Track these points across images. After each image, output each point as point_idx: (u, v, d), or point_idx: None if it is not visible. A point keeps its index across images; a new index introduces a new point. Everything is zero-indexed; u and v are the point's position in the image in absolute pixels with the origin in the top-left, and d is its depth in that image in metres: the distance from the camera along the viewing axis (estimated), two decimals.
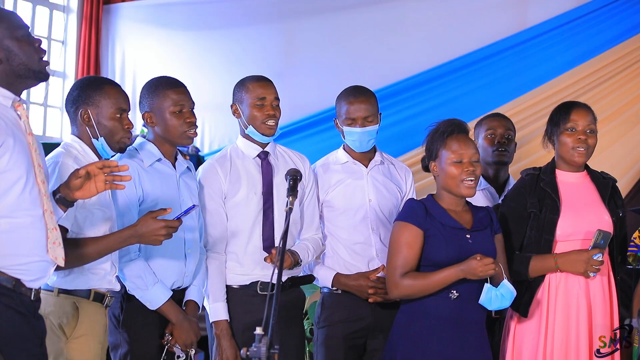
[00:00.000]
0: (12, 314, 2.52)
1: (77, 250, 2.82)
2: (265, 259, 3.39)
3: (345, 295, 3.64)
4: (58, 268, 2.66)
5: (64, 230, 2.82)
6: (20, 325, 2.54)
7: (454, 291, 3.15)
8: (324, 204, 3.71)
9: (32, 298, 2.59)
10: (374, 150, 3.77)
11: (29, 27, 2.64)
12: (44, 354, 2.66)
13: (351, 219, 3.68)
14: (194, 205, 3.08)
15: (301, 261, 3.48)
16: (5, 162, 2.49)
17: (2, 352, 2.45)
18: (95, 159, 3.04)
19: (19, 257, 2.53)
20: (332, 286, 3.66)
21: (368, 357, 3.65)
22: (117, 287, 3.13)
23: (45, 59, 2.65)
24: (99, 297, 3.04)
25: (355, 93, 3.68)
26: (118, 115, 3.05)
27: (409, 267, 3.18)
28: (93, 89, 3.06)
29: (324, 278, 3.67)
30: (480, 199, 3.93)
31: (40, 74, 2.63)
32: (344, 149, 3.78)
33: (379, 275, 3.60)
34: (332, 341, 3.62)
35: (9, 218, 2.50)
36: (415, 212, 3.22)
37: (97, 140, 3.04)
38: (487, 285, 3.11)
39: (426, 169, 3.40)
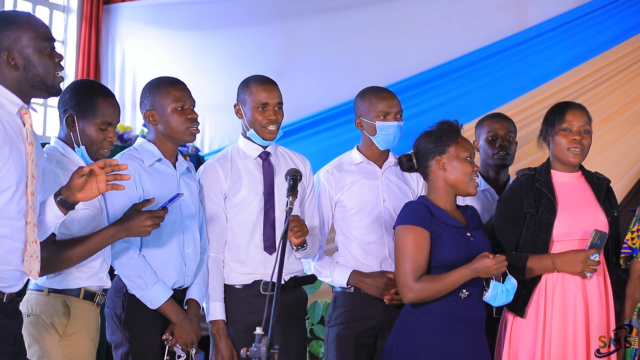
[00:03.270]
0: None
1: (67, 251, 2.81)
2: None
3: (356, 294, 3.64)
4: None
5: (51, 235, 2.81)
6: None
7: (464, 290, 3.16)
8: (337, 203, 3.71)
9: (4, 300, 2.53)
10: (387, 151, 3.78)
11: (54, 40, 2.60)
12: (18, 353, 2.60)
13: (365, 218, 3.68)
14: (178, 194, 3.07)
15: (307, 244, 3.45)
16: None
17: None
18: (80, 161, 3.03)
19: None
20: (347, 284, 3.65)
21: (378, 356, 3.65)
22: (108, 284, 3.15)
23: (60, 74, 2.61)
24: (89, 295, 3.05)
25: (385, 89, 3.74)
26: (103, 128, 3.05)
27: (421, 270, 3.16)
28: (83, 97, 3.04)
29: (339, 275, 3.65)
30: (480, 201, 3.93)
31: (53, 89, 2.60)
32: (357, 149, 3.78)
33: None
34: (343, 340, 3.62)
35: None
36: (420, 213, 3.21)
37: (78, 147, 3.03)
38: (493, 282, 3.12)
39: (409, 169, 3.40)
